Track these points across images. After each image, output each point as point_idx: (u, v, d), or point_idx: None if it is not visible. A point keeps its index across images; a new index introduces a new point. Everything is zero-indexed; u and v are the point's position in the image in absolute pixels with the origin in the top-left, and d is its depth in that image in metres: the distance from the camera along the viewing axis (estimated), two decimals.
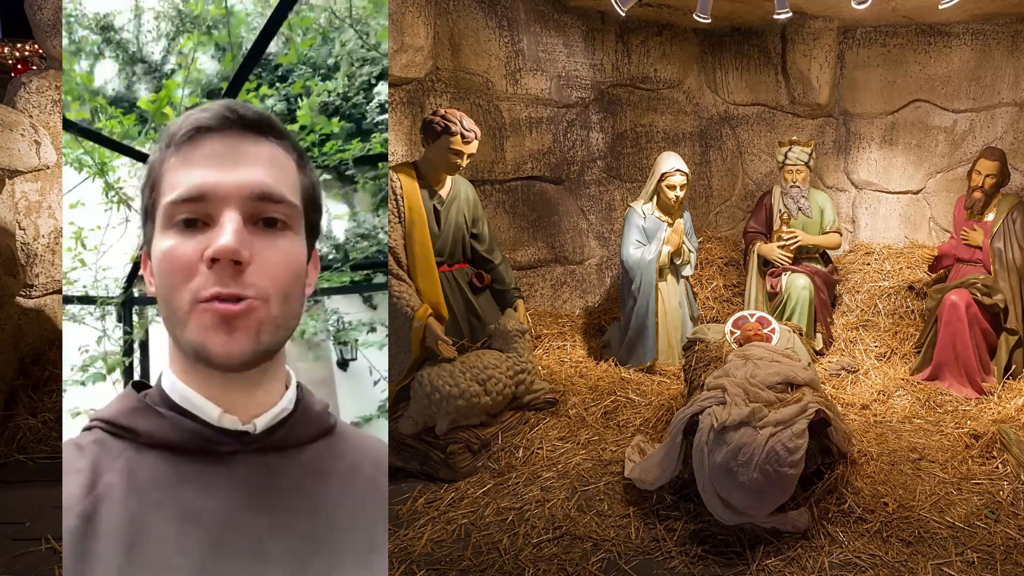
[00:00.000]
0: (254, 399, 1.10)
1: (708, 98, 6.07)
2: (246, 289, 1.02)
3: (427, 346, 3.55)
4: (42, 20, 3.70)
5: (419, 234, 3.69)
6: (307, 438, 1.14)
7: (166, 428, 1.06)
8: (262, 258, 1.04)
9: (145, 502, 1.01)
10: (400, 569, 2.61)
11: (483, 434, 3.51)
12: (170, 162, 1.07)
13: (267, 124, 1.10)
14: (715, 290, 5.39)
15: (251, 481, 1.06)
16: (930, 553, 2.68)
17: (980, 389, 4.19)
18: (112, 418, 1.08)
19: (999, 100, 5.50)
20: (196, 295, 1.01)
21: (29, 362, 3.73)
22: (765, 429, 2.78)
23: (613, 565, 2.65)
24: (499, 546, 2.76)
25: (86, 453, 1.04)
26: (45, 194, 3.75)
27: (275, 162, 1.09)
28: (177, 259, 1.02)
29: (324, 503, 1.10)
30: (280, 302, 1.05)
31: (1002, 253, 4.41)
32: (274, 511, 1.06)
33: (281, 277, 1.06)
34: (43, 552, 2.67)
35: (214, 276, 1.01)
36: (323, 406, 1.20)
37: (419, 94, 4.73)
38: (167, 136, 1.08)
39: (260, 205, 1.05)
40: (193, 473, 1.04)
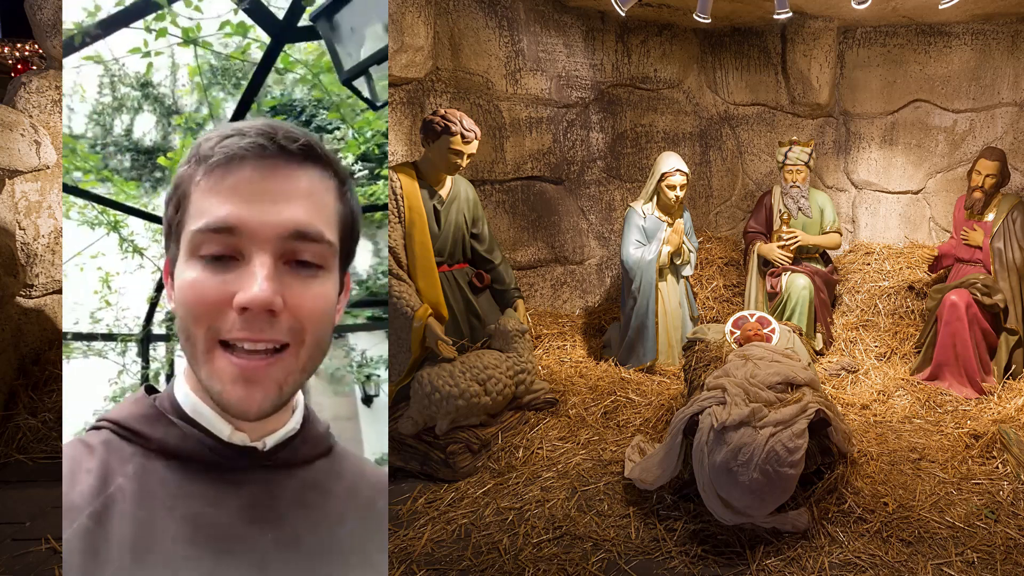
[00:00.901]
0: (270, 419, 1.09)
1: (708, 98, 6.07)
2: (277, 334, 0.98)
3: (427, 346, 3.55)
4: (42, 20, 3.70)
5: (419, 234, 3.69)
6: (310, 457, 1.14)
7: (177, 438, 1.05)
8: (295, 303, 0.99)
9: (154, 508, 1.00)
10: (400, 569, 2.61)
11: (483, 434, 3.51)
12: (199, 183, 1.00)
13: (309, 151, 1.02)
14: (715, 290, 5.39)
15: (257, 496, 1.06)
16: (930, 553, 2.68)
17: (980, 389, 4.19)
18: (123, 421, 1.06)
19: (999, 100, 5.50)
20: (218, 334, 0.97)
21: (29, 362, 3.73)
22: (765, 429, 2.78)
23: (613, 565, 2.65)
24: (499, 546, 2.76)
25: (96, 453, 1.02)
26: (45, 194, 3.75)
27: (313, 195, 1.01)
28: (203, 296, 0.97)
29: (325, 521, 1.10)
30: (311, 347, 1.02)
31: (1002, 253, 4.41)
32: (278, 526, 1.06)
33: (314, 322, 1.01)
34: (43, 552, 2.67)
35: (242, 321, 0.96)
36: (324, 426, 1.19)
37: (419, 94, 4.73)
38: (197, 151, 1.01)
39: (295, 244, 0.99)
40: (201, 485, 1.04)
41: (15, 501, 3.04)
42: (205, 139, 1.01)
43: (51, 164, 3.62)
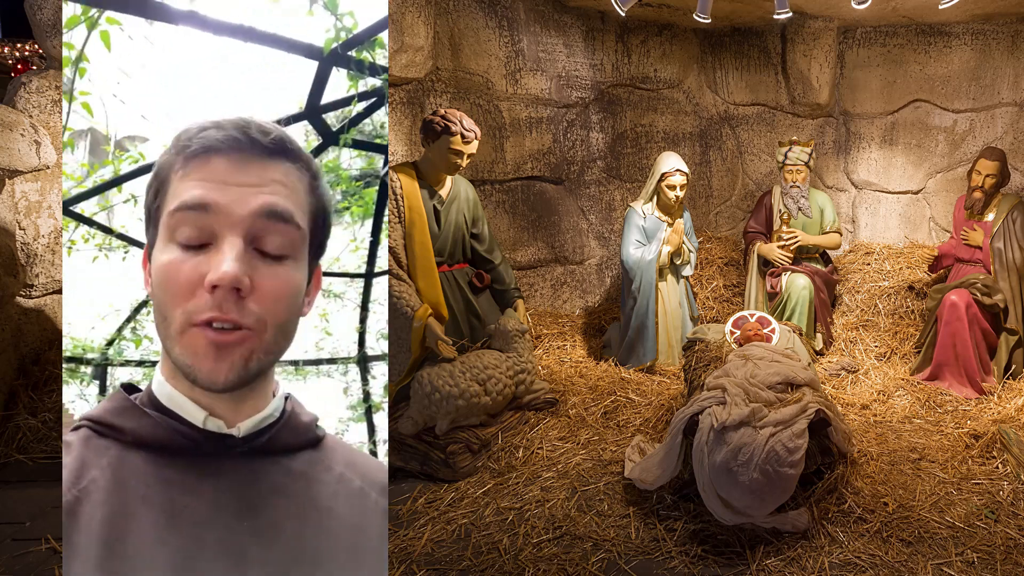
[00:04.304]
0: (245, 405, 1.11)
1: (708, 98, 6.07)
2: (244, 316, 1.02)
3: (427, 346, 3.55)
4: (42, 20, 3.69)
5: (419, 234, 3.69)
6: (292, 446, 1.15)
7: (150, 427, 1.07)
8: (262, 286, 1.04)
9: (128, 498, 1.03)
10: (400, 569, 2.61)
11: (483, 434, 3.51)
12: (177, 171, 1.06)
13: (280, 145, 1.09)
14: (715, 290, 5.39)
15: (234, 484, 1.07)
16: (930, 553, 2.68)
17: (980, 389, 4.19)
18: (98, 416, 1.09)
19: (999, 100, 5.50)
20: (191, 317, 1.02)
21: (29, 362, 3.73)
22: (765, 429, 2.78)
23: (613, 565, 2.65)
24: (499, 546, 2.76)
25: (72, 450, 1.06)
26: (45, 194, 3.75)
27: (286, 183, 1.08)
28: (176, 276, 1.02)
29: (312, 511, 1.11)
30: (275, 331, 1.06)
31: (1002, 253, 4.41)
32: (257, 515, 1.07)
33: (279, 306, 1.06)
34: (43, 552, 2.67)
35: (212, 301, 1.01)
36: (311, 418, 1.21)
37: (419, 94, 4.73)
38: (177, 143, 1.07)
39: (265, 226, 1.04)
40: (177, 473, 1.06)
41: (15, 501, 3.04)
42: (185, 131, 1.08)
43: (51, 164, 3.62)
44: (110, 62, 2.64)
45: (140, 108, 2.73)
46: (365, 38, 2.60)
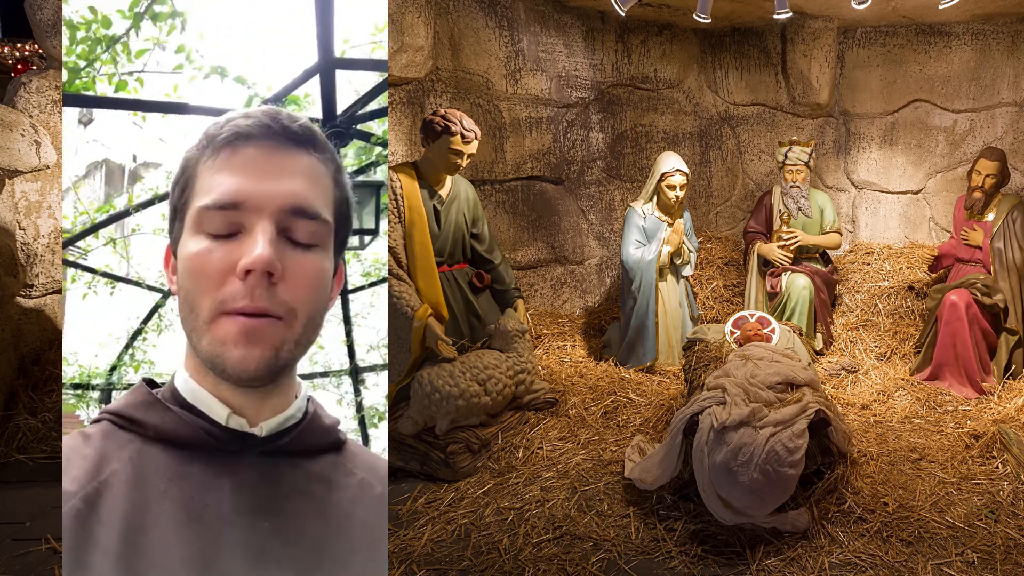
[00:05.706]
0: (267, 404, 1.10)
1: (708, 98, 6.07)
2: (275, 306, 1.02)
3: (427, 346, 3.55)
4: (42, 20, 3.69)
5: (419, 234, 3.68)
6: (315, 448, 1.15)
7: (173, 423, 1.07)
8: (292, 274, 1.04)
9: (149, 492, 1.02)
10: (400, 569, 2.61)
11: (483, 434, 3.51)
12: (206, 164, 1.06)
13: (309, 135, 1.09)
14: (715, 290, 5.39)
15: (256, 483, 1.07)
16: (930, 553, 2.68)
17: (980, 389, 4.19)
18: (120, 410, 1.08)
19: (999, 100, 5.50)
20: (222, 305, 1.01)
21: (29, 362, 3.73)
22: (765, 429, 2.78)
23: (613, 565, 2.65)
24: (499, 546, 2.76)
25: (92, 442, 1.05)
26: (45, 194, 3.75)
27: (312, 175, 1.08)
28: (207, 265, 1.01)
29: (331, 514, 1.11)
30: (304, 320, 1.06)
31: (1002, 253, 4.41)
32: (278, 515, 1.06)
33: (309, 295, 1.06)
34: (43, 552, 2.67)
35: (245, 288, 1.00)
36: (333, 421, 1.21)
37: (419, 94, 4.73)
38: (205, 137, 1.07)
39: (293, 220, 1.04)
40: (198, 470, 1.05)
41: (15, 501, 3.03)
42: (214, 123, 1.08)
43: (51, 164, 3.62)
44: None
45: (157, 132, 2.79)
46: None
